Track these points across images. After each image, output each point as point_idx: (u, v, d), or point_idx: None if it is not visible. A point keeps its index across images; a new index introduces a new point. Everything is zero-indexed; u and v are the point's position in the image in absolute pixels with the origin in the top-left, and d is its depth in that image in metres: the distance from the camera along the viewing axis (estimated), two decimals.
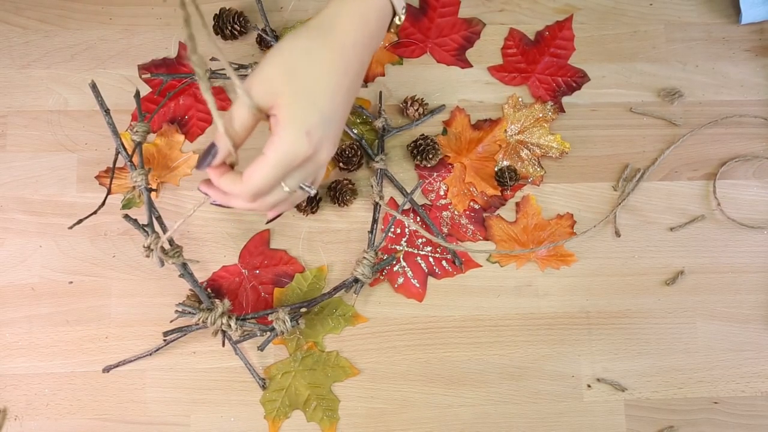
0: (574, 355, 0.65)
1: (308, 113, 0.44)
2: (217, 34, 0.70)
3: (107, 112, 0.62)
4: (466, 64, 0.72)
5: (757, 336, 0.66)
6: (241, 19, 0.70)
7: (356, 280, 0.63)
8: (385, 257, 0.65)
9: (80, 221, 0.64)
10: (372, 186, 0.66)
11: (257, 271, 0.66)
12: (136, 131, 0.63)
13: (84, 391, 0.63)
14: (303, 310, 0.62)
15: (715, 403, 0.65)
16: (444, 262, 0.67)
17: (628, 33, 0.74)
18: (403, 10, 0.50)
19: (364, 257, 0.63)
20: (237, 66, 0.69)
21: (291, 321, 0.60)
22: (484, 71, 0.72)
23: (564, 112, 0.71)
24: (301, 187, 0.49)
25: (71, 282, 0.65)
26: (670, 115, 0.71)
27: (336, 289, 0.64)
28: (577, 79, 0.72)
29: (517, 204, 0.69)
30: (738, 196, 0.70)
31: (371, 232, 0.66)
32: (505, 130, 0.70)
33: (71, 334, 0.64)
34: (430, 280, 0.67)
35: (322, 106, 0.45)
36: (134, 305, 0.65)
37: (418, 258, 0.67)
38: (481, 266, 0.67)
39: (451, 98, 0.71)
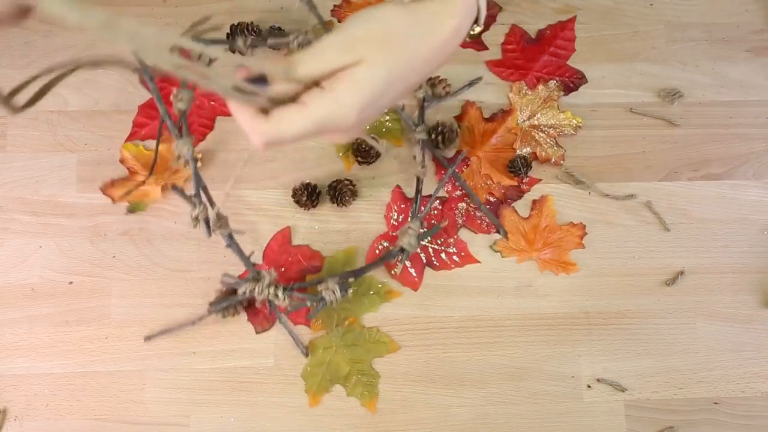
0: (574, 356, 0.65)
1: (376, 90, 0.38)
2: (233, 52, 0.70)
3: (151, 78, 0.60)
4: (482, 46, 0.72)
5: (757, 336, 0.66)
6: (255, 28, 0.70)
7: (402, 250, 0.63)
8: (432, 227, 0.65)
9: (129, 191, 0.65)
10: (414, 157, 0.66)
11: (283, 269, 0.66)
12: (180, 98, 0.62)
13: (84, 391, 0.63)
14: (351, 280, 0.62)
15: (715, 403, 0.65)
16: (443, 255, 0.67)
17: (628, 33, 0.74)
18: (482, 20, 0.46)
19: (410, 227, 0.62)
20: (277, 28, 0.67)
21: (341, 291, 0.59)
22: (483, 72, 0.72)
23: (566, 93, 0.71)
24: None
25: (71, 282, 0.65)
26: (670, 115, 0.71)
27: (381, 258, 0.63)
28: (575, 80, 0.72)
29: (534, 201, 0.69)
30: (738, 196, 0.69)
31: (415, 202, 0.65)
32: (516, 120, 0.70)
33: (71, 335, 0.64)
34: (431, 278, 0.67)
35: (390, 93, 0.40)
36: (134, 305, 0.65)
37: (418, 249, 0.67)
38: (479, 262, 0.67)
39: (449, 101, 0.71)
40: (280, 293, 0.59)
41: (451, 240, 0.67)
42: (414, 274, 0.66)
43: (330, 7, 0.73)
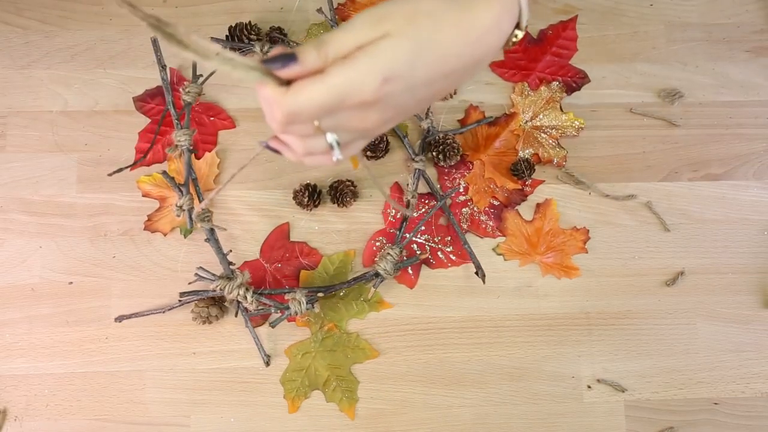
0: (574, 356, 0.65)
1: (400, 61, 0.37)
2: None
3: (164, 68, 0.67)
4: None
5: (757, 336, 0.66)
6: (255, 29, 0.70)
7: (377, 275, 0.63)
8: (410, 257, 0.66)
9: (120, 170, 0.67)
10: (408, 185, 0.67)
11: (279, 265, 0.66)
12: (188, 91, 0.65)
13: (84, 391, 0.63)
14: (320, 294, 0.63)
15: (716, 404, 0.65)
16: (440, 253, 0.67)
17: (628, 33, 0.74)
18: (526, 27, 0.44)
19: (389, 253, 0.62)
20: (295, 44, 0.69)
21: (306, 303, 0.60)
22: (485, 73, 0.72)
23: (569, 93, 0.71)
24: (330, 141, 0.40)
25: (71, 282, 0.65)
26: (670, 115, 0.71)
27: (355, 279, 0.64)
28: (578, 80, 0.72)
29: (538, 205, 0.68)
30: (738, 197, 0.69)
31: (399, 229, 0.66)
32: (519, 122, 0.70)
33: (71, 335, 0.64)
34: (431, 279, 0.66)
35: (418, 70, 0.38)
36: (134, 305, 0.65)
37: (415, 245, 0.67)
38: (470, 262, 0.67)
39: (452, 100, 0.71)
40: (249, 296, 0.59)
41: (449, 238, 0.67)
42: (410, 272, 0.66)
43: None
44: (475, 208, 0.68)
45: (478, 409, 0.64)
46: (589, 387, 0.65)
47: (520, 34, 0.44)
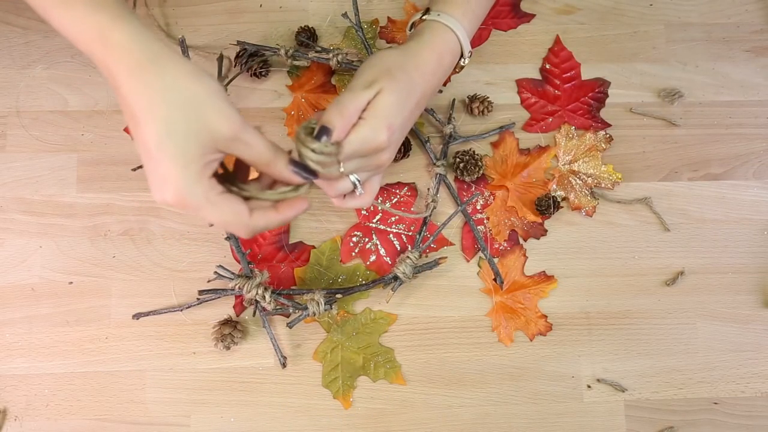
0: (574, 356, 0.65)
1: (394, 110, 0.51)
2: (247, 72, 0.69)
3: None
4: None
5: (757, 336, 0.66)
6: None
7: (395, 278, 0.63)
8: (428, 260, 0.65)
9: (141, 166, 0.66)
10: (428, 189, 0.67)
11: (275, 261, 0.67)
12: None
13: (84, 391, 0.63)
14: (338, 296, 0.63)
15: (715, 403, 0.65)
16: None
17: (628, 33, 0.74)
18: (469, 54, 0.59)
19: (408, 256, 0.63)
20: (320, 48, 0.69)
21: (324, 305, 0.60)
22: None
23: (613, 140, 0.70)
24: (353, 180, 0.52)
25: (71, 282, 0.65)
26: (670, 115, 0.71)
27: (374, 282, 0.64)
28: (600, 89, 0.71)
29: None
30: (738, 196, 0.70)
31: (419, 233, 0.65)
32: (557, 158, 0.69)
33: (71, 335, 0.64)
34: (431, 278, 0.66)
35: (404, 110, 0.53)
36: (134, 305, 0.65)
37: (391, 236, 0.67)
38: (453, 244, 0.67)
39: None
40: (267, 295, 0.59)
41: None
42: (389, 262, 0.66)
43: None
44: (490, 228, 0.67)
45: (478, 409, 0.64)
46: (589, 387, 0.65)
47: (465, 61, 0.60)
